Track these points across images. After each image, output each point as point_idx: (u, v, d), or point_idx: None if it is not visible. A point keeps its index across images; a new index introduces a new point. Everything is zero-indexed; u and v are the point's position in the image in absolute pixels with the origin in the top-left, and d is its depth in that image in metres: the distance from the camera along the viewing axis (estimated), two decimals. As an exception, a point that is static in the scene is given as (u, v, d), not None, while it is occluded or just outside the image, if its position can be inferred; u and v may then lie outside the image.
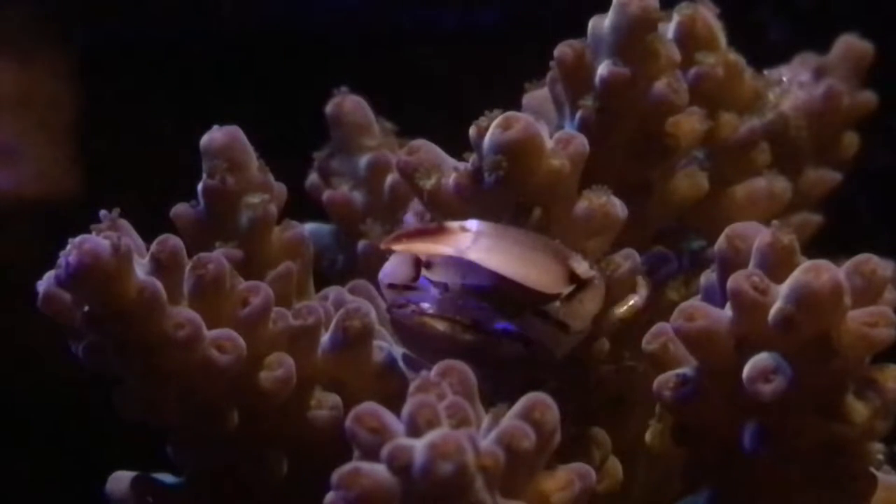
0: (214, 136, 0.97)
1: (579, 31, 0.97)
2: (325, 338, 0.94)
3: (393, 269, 0.93)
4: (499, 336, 0.91)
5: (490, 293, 0.91)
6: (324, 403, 0.94)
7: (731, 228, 0.90)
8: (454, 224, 0.91)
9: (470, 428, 0.77)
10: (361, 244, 1.12)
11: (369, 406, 0.79)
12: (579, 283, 0.91)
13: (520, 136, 0.90)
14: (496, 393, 0.83)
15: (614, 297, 0.94)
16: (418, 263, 0.92)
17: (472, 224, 0.91)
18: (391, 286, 0.93)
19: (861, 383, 0.87)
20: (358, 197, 1.14)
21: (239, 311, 0.91)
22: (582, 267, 0.91)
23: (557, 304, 0.90)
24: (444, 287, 0.92)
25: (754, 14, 1.68)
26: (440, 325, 0.91)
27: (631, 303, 0.94)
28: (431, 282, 0.92)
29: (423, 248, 0.91)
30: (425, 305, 0.91)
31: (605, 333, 0.96)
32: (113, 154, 1.74)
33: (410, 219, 0.98)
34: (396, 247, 0.92)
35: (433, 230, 0.91)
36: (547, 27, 1.07)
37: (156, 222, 0.94)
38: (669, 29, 1.03)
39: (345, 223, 1.15)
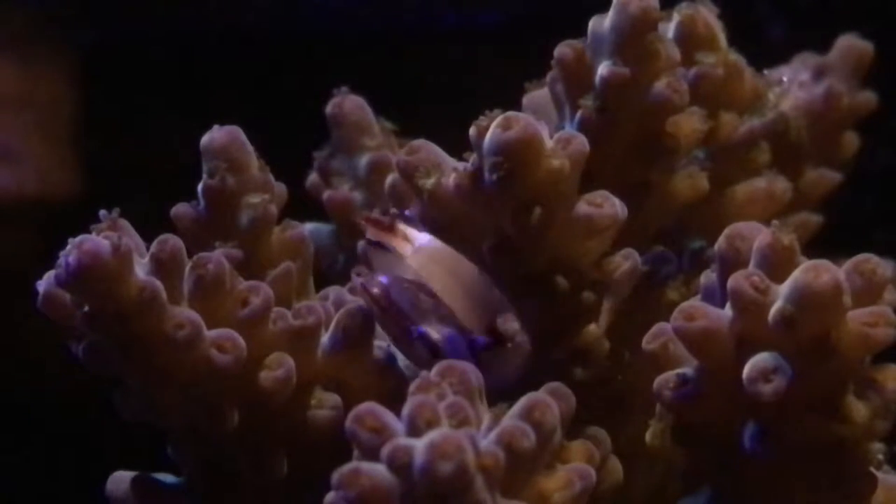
0: (214, 136, 0.97)
1: (580, 31, 0.97)
2: (325, 338, 0.94)
3: None
4: (414, 338, 0.91)
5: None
6: (324, 403, 0.94)
7: (731, 228, 0.90)
8: (408, 230, 0.93)
9: (470, 428, 0.77)
10: (361, 244, 1.12)
11: (369, 406, 0.78)
12: (498, 340, 0.90)
13: (520, 136, 0.90)
14: None
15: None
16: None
17: (423, 238, 0.93)
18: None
19: (861, 383, 0.87)
20: (358, 197, 1.14)
21: (239, 311, 0.91)
22: (510, 326, 0.91)
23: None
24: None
25: (754, 14, 1.68)
26: (371, 304, 0.92)
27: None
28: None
29: (375, 234, 0.94)
30: (383, 280, 0.92)
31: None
32: (113, 154, 1.74)
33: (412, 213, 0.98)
34: (365, 223, 0.95)
35: (386, 225, 0.94)
36: (547, 27, 1.07)
37: (156, 222, 0.94)
38: (669, 29, 1.03)
39: (345, 223, 1.15)
